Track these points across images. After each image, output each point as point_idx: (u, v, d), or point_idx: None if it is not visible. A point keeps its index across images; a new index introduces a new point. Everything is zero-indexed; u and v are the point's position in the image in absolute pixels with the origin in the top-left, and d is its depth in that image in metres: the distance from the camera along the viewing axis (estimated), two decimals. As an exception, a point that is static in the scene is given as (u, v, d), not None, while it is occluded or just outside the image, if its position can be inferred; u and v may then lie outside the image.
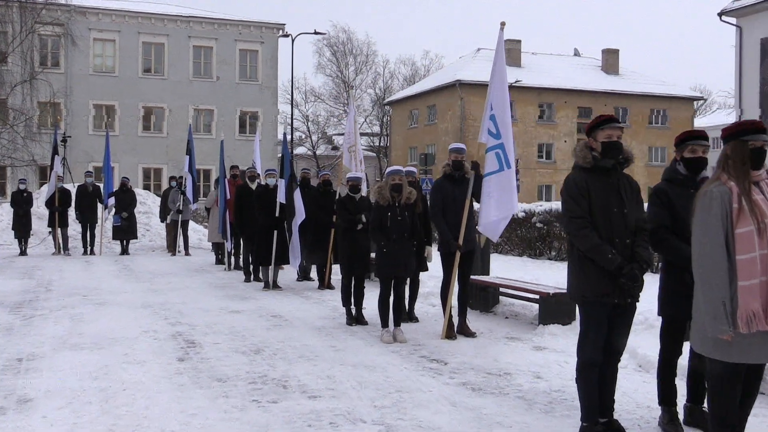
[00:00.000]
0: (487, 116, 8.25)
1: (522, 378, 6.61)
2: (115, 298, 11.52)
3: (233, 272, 15.51)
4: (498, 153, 8.11)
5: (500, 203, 8.14)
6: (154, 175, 42.39)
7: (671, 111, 58.64)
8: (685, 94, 60.95)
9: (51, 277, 14.23)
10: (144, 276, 14.68)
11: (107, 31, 42.02)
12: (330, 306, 10.77)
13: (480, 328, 8.84)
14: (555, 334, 8.36)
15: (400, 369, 6.90)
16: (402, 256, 8.21)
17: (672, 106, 58.55)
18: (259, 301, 11.24)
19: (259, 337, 8.36)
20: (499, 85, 8.20)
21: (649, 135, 57.87)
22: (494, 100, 8.20)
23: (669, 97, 58.38)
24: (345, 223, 9.31)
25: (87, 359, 7.14)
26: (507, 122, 8.12)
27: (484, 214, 8.25)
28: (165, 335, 8.43)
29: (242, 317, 9.75)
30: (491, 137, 8.18)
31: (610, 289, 4.77)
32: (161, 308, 10.45)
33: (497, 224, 8.30)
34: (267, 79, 45.09)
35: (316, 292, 12.28)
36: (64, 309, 10.32)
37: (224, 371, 6.71)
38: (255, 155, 19.03)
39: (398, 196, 8.23)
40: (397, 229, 8.16)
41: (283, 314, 10.01)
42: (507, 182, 8.11)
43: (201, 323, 9.22)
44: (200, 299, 11.42)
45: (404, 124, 60.22)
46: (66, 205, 19.76)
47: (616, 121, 4.92)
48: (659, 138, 58.21)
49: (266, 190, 12.84)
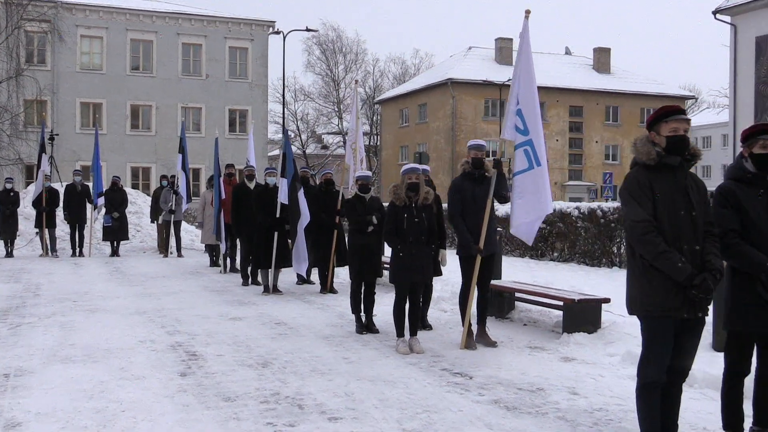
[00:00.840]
0: (512, 111, 7.70)
1: (557, 395, 6.07)
2: (107, 303, 10.91)
3: (229, 275, 14.91)
4: (527, 150, 7.58)
5: (532, 204, 7.62)
6: (143, 174, 41.68)
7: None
8: (676, 93, 60.72)
9: (39, 281, 13.59)
10: (136, 279, 14.06)
11: (94, 27, 41.23)
12: (336, 312, 10.20)
13: (499, 337, 8.29)
14: (581, 344, 7.83)
15: (422, 384, 6.34)
16: (419, 260, 7.65)
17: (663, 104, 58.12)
18: (260, 307, 10.65)
19: (265, 347, 7.78)
20: (525, 77, 7.65)
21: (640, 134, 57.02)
22: (521, 94, 7.64)
23: (660, 96, 58.08)
24: (355, 224, 8.72)
25: (80, 374, 6.55)
26: (536, 117, 7.58)
27: (516, 216, 7.72)
28: (163, 346, 7.83)
29: (244, 325, 9.16)
30: (518, 134, 7.64)
31: (678, 302, 4.22)
32: (157, 315, 9.85)
33: (530, 226, 7.78)
34: (257, 77, 44.44)
35: (319, 297, 11.71)
36: (54, 316, 9.70)
37: (232, 388, 6.13)
38: (249, 153, 18.43)
39: (415, 196, 7.67)
40: (413, 232, 7.60)
41: (287, 321, 9.43)
42: (538, 181, 7.57)
43: (201, 332, 8.63)
44: (197, 305, 10.83)
45: (395, 123, 59.69)
46: (54, 205, 19.08)
47: (683, 113, 4.39)
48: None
49: (266, 189, 12.24)
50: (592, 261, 16.74)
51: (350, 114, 12.01)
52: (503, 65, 56.69)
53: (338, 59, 69.37)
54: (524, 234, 7.92)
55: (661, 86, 59.79)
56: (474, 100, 54.14)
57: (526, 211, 7.70)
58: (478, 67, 55.49)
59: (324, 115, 70.09)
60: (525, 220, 7.74)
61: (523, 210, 7.71)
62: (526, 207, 7.68)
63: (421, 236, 7.64)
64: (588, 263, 16.71)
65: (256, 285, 12.98)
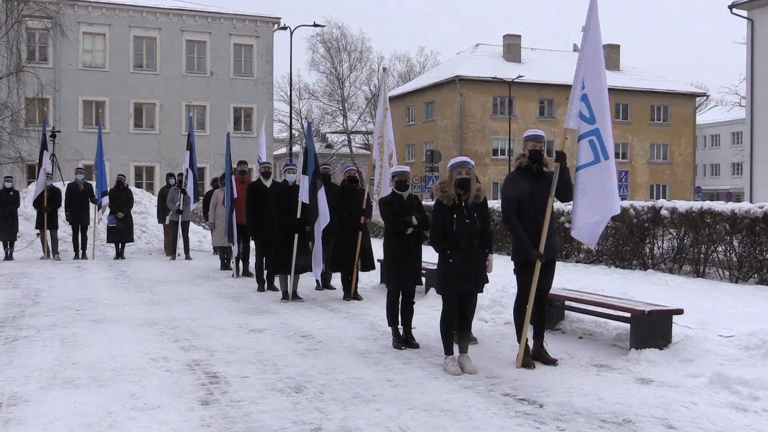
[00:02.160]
0: (576, 97, 6.75)
1: (651, 428, 5.11)
2: (113, 312, 9.96)
3: (242, 279, 13.97)
4: (592, 141, 6.64)
5: (598, 202, 6.69)
6: (147, 173, 40.83)
7: (672, 107, 57.57)
8: (686, 90, 59.74)
9: (39, 287, 12.66)
10: (144, 284, 13.11)
11: (97, 24, 40.45)
12: (365, 322, 9.24)
13: (556, 353, 7.33)
14: (654, 362, 6.87)
15: (487, 414, 5.39)
16: (472, 267, 6.68)
17: (673, 102, 57.44)
18: (281, 316, 9.70)
19: (295, 366, 6.82)
20: (592, 59, 6.70)
21: (650, 132, 56.68)
22: (587, 77, 6.70)
23: (670, 93, 57.20)
24: (392, 226, 7.76)
25: (85, 402, 5.59)
26: (603, 103, 6.65)
27: (579, 216, 6.79)
28: (179, 365, 6.88)
29: (267, 338, 8.20)
30: (583, 122, 6.69)
31: None
32: (168, 326, 8.90)
33: (595, 227, 6.85)
34: (262, 75, 43.61)
35: (343, 304, 10.75)
36: (54, 328, 8.76)
37: (264, 421, 5.18)
38: (261, 150, 17.56)
39: (465, 194, 6.72)
40: (465, 235, 6.64)
41: (313, 333, 8.48)
42: (605, 176, 6.63)
43: (219, 347, 7.68)
44: (212, 314, 9.88)
45: (401, 121, 58.74)
46: (56, 205, 18.14)
47: None
48: (661, 135, 57.01)
49: (285, 187, 11.28)
50: (622, 263, 15.79)
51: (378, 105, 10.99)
52: (511, 62, 55.87)
53: (343, 57, 68.50)
54: (587, 236, 6.99)
55: (670, 83, 58.79)
56: (482, 98, 53.26)
57: (591, 211, 6.76)
58: (486, 64, 54.66)
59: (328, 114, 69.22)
60: (589, 220, 6.80)
61: (587, 209, 6.78)
62: (590, 205, 6.75)
63: (474, 239, 6.69)
64: (618, 265, 15.76)
65: (273, 291, 12.05)
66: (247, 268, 14.53)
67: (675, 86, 58.14)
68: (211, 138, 40.62)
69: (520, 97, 53.64)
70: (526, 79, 51.67)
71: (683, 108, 58.16)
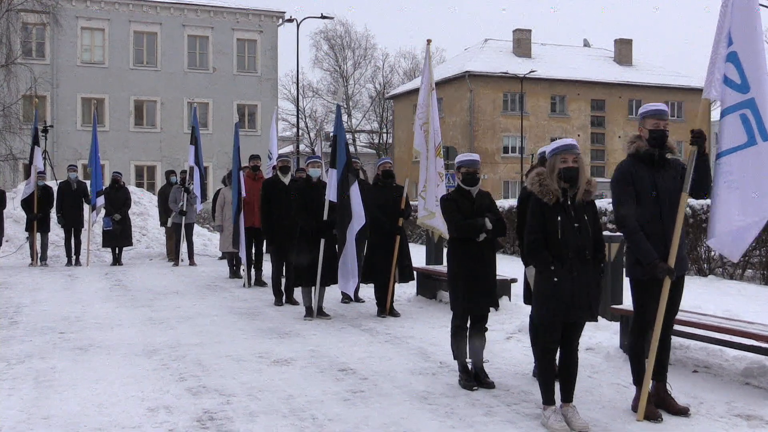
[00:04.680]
0: (720, 57, 5.01)
1: None
2: (104, 336, 8.22)
3: (254, 289, 12.23)
4: (744, 115, 4.89)
5: (751, 199, 4.91)
6: (148, 173, 39.22)
7: (687, 103, 56.01)
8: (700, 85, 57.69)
9: (21, 301, 10.92)
10: (142, 297, 11.38)
11: (96, 19, 39.02)
12: (413, 348, 7.51)
13: (677, 395, 5.57)
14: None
15: None
16: (583, 287, 4.94)
17: (687, 98, 55.82)
18: (308, 340, 7.97)
19: (341, 421, 5.09)
20: (743, 11, 4.93)
21: (664, 128, 54.91)
22: (735, 30, 4.95)
23: (685, 88, 55.51)
24: (459, 231, 6.01)
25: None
26: (760, 64, 4.89)
27: (722, 218, 5.01)
28: (186, 419, 5.14)
29: (296, 374, 6.47)
30: (730, 89, 4.95)
31: None
32: (171, 356, 7.17)
33: (742, 234, 5.02)
34: (266, 71, 42.07)
35: (379, 323, 9.01)
36: (30, 360, 7.02)
37: None
38: (272, 146, 15.78)
39: (572, 190, 5.00)
40: (574, 243, 4.91)
41: (353, 366, 6.74)
42: (763, 163, 4.88)
43: (238, 388, 5.94)
44: (224, 337, 8.15)
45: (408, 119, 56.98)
46: (48, 207, 16.42)
47: None
48: (675, 131, 54.55)
49: (308, 184, 9.53)
50: None
51: (422, 84, 9.26)
52: (522, 57, 54.25)
53: (347, 54, 66.98)
54: (730, 246, 5.16)
55: (685, 79, 57.07)
56: (492, 94, 51.67)
57: (742, 211, 4.95)
58: (495, 60, 53.10)
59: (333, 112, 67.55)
60: (738, 223, 4.99)
61: (735, 208, 4.97)
62: (741, 204, 4.96)
63: (585, 249, 4.94)
64: None
65: (292, 305, 10.35)
66: (260, 276, 12.80)
67: (689, 81, 56.34)
68: (214, 136, 39.11)
69: (532, 94, 52.05)
70: (538, 75, 49.96)
71: (698, 104, 56.07)
